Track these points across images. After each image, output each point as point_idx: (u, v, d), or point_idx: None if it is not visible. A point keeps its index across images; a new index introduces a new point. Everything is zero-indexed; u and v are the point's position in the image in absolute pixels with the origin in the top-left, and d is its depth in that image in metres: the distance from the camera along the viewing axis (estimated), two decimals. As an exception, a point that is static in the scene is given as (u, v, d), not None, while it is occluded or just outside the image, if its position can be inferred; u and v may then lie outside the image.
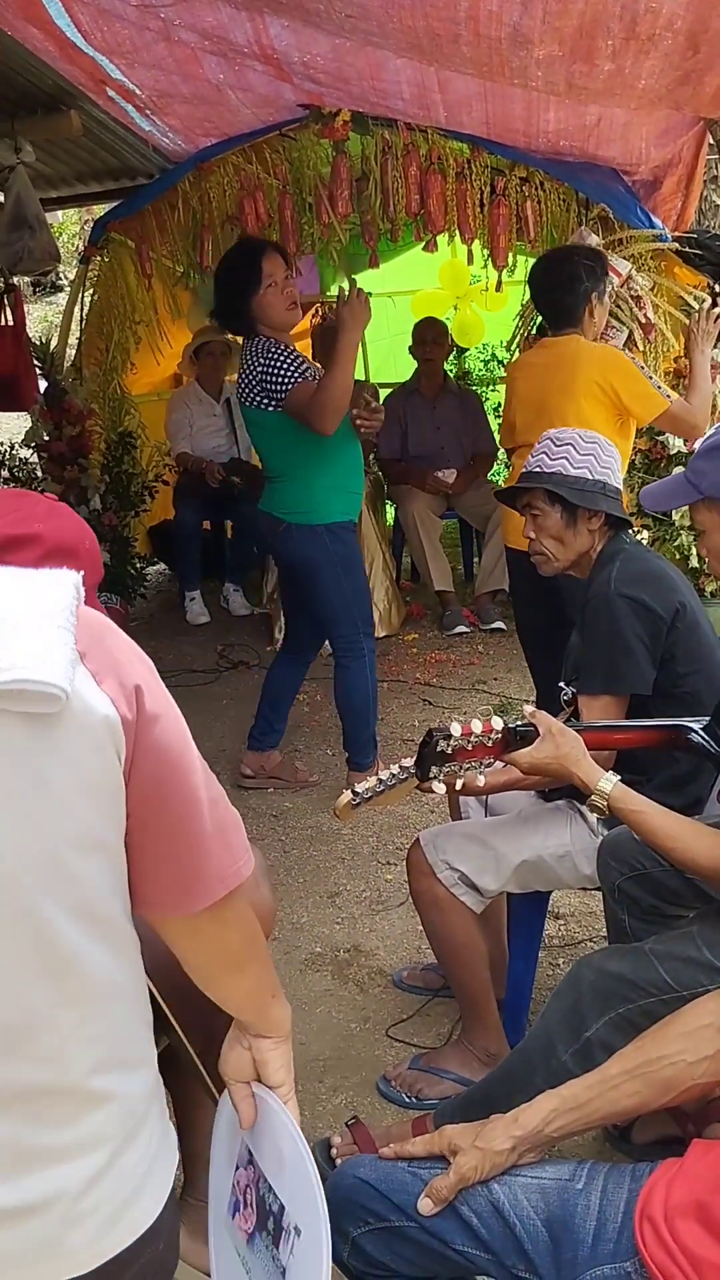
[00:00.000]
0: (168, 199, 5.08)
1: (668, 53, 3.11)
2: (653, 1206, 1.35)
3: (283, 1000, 1.32)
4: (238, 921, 1.17)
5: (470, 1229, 1.42)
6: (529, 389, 3.87)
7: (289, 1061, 1.34)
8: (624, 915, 2.23)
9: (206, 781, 1.11)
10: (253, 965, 1.24)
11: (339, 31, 3.54)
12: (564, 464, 2.51)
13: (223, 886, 1.10)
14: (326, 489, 3.71)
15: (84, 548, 1.59)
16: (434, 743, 1.83)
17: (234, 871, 1.11)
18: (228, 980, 1.25)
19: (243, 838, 1.13)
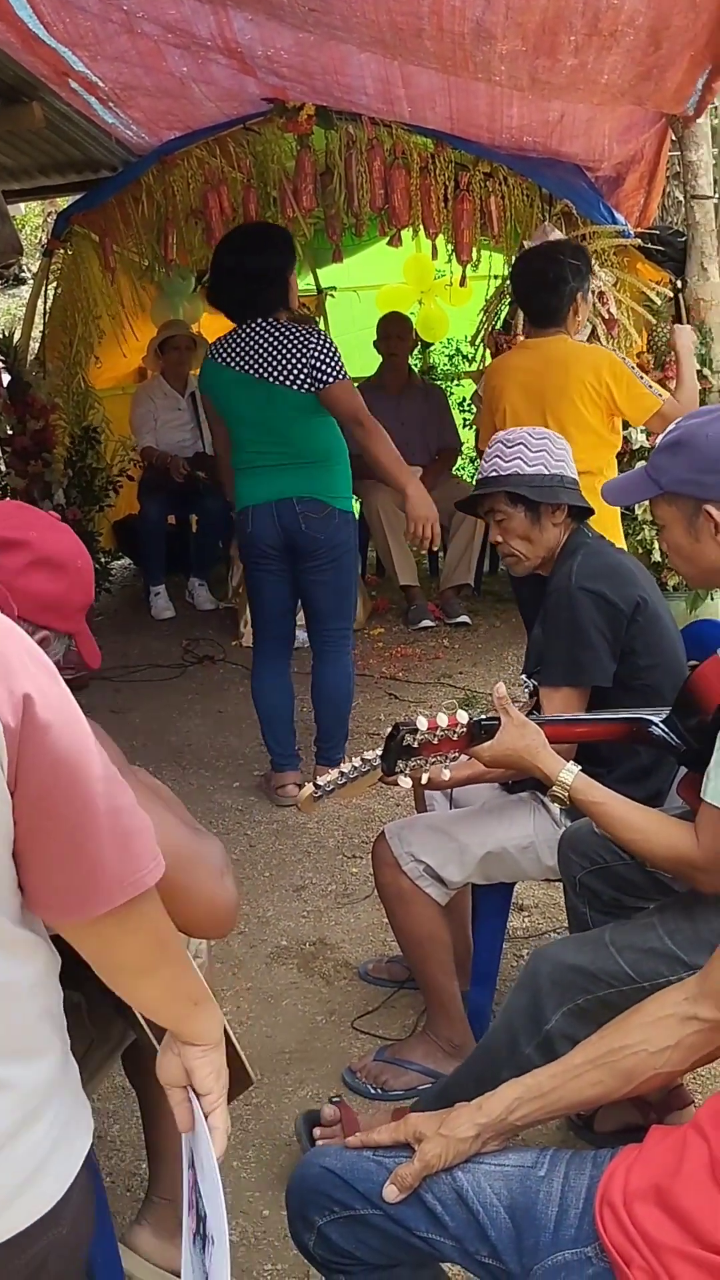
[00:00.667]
0: (131, 192, 5.06)
1: (630, 49, 3.14)
2: (612, 1192, 1.36)
3: (207, 1009, 1.30)
4: (143, 927, 1.16)
5: (434, 1216, 1.43)
6: (520, 392, 3.86)
7: (218, 1069, 1.32)
8: (585, 908, 2.25)
9: (109, 790, 1.09)
10: (162, 971, 1.23)
11: (302, 26, 3.55)
12: (519, 464, 2.53)
13: (122, 894, 1.09)
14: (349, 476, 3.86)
15: (75, 566, 1.61)
16: (400, 737, 1.84)
17: (135, 880, 1.10)
18: (134, 984, 1.24)
19: (149, 845, 1.11)
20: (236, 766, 4.32)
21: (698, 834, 1.80)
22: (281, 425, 3.66)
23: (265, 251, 3.63)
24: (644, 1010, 1.51)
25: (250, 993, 2.87)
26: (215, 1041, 1.31)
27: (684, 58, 3.35)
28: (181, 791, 2.66)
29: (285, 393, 3.59)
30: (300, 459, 3.70)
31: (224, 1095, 1.33)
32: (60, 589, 1.57)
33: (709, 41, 3.28)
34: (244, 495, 3.79)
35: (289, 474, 3.71)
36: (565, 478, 2.52)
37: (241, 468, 3.79)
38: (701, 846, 1.78)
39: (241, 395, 3.67)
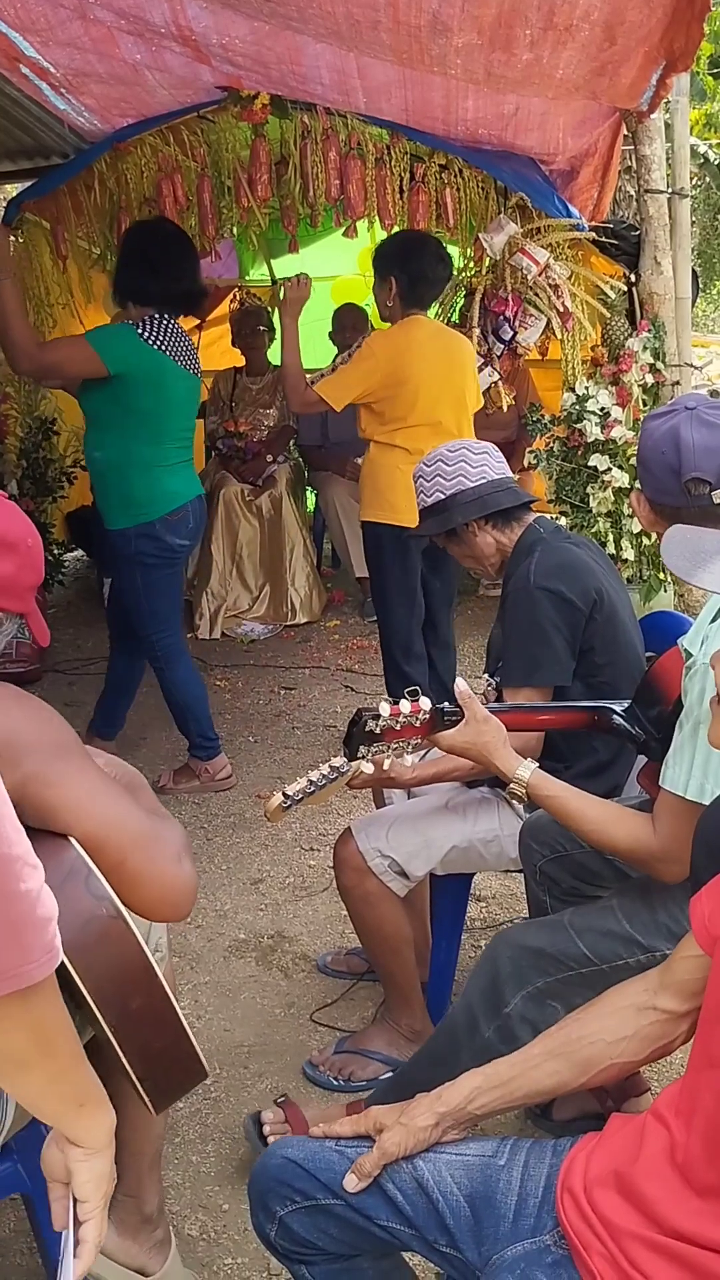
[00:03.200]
0: (84, 179, 4.99)
1: (585, 44, 3.15)
2: (572, 1178, 1.38)
3: (97, 1113, 1.22)
4: (21, 1021, 1.08)
5: (394, 1205, 1.44)
6: (429, 368, 3.94)
7: (100, 1178, 1.22)
8: (545, 896, 2.27)
9: (13, 873, 1.02)
10: (42, 1067, 1.14)
11: (257, 15, 3.52)
12: (422, 497, 2.60)
13: (4, 986, 1.02)
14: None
15: (25, 545, 1.57)
16: (363, 723, 1.84)
17: (19, 973, 1.02)
18: (9, 1074, 1.15)
19: (44, 937, 1.04)
20: (193, 759, 4.30)
21: (655, 822, 1.82)
22: (194, 418, 3.89)
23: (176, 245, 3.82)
24: (603, 1001, 1.53)
25: (208, 986, 2.87)
26: (101, 1147, 1.22)
27: (638, 53, 3.36)
28: (138, 785, 2.65)
29: (199, 385, 3.81)
30: (191, 454, 3.88)
31: (103, 1206, 1.24)
32: (10, 569, 1.53)
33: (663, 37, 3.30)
34: (181, 490, 3.77)
35: (192, 468, 3.88)
36: (460, 494, 2.51)
37: (171, 463, 3.75)
38: (659, 835, 1.80)
39: (182, 389, 3.73)
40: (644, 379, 4.67)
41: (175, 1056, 1.49)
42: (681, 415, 2.00)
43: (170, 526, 3.72)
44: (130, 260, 3.79)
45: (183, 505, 3.75)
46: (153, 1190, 1.90)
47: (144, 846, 1.48)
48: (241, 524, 6.02)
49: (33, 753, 1.39)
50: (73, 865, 1.40)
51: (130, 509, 3.71)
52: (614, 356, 4.73)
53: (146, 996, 1.43)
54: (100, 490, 3.88)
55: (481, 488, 2.50)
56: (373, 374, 3.83)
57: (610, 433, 4.57)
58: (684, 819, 1.72)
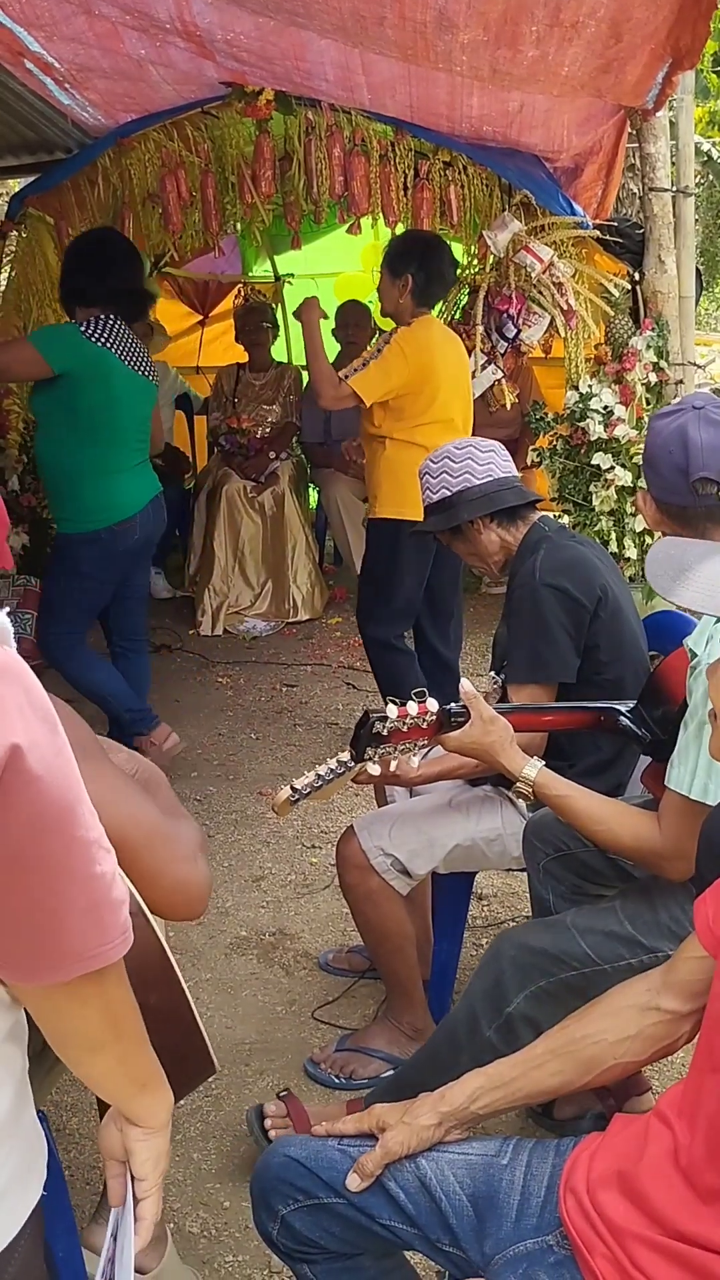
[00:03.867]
0: (87, 175, 4.99)
1: (590, 40, 3.15)
2: (576, 1179, 1.38)
3: (156, 1093, 1.24)
4: (96, 1002, 1.10)
5: (396, 1204, 1.43)
6: (446, 366, 3.96)
7: (158, 1156, 1.26)
8: (548, 894, 2.27)
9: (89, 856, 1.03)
10: (111, 1049, 1.16)
11: (263, 10, 3.52)
12: (427, 494, 2.60)
13: (80, 966, 1.03)
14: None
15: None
16: (370, 724, 1.84)
17: (98, 953, 1.03)
18: (80, 1057, 1.18)
19: (119, 918, 1.05)
20: (194, 756, 4.30)
21: (660, 822, 1.82)
22: (147, 421, 3.84)
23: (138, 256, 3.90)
24: (606, 1000, 1.52)
25: (210, 983, 2.87)
26: (159, 1126, 1.25)
27: (644, 50, 3.36)
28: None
29: (155, 390, 3.82)
30: (147, 455, 3.86)
31: (159, 1185, 1.27)
32: None
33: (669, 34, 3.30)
34: (133, 500, 3.73)
35: (149, 468, 3.85)
36: (467, 491, 2.51)
37: (125, 467, 3.72)
38: (664, 834, 1.80)
39: (131, 388, 3.68)
40: (647, 377, 4.66)
41: (187, 1052, 1.50)
42: (689, 414, 1.99)
43: (115, 536, 3.68)
44: (71, 267, 3.76)
45: (130, 517, 3.69)
46: None
47: (158, 845, 1.47)
48: (244, 521, 6.01)
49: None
50: None
51: (79, 515, 3.67)
52: (617, 355, 4.72)
53: (165, 992, 1.44)
54: (52, 494, 3.85)
55: (487, 485, 2.50)
56: (403, 371, 3.85)
57: (613, 431, 4.56)
58: (689, 819, 1.72)
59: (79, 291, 3.70)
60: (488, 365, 4.81)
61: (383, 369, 3.86)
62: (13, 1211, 1.11)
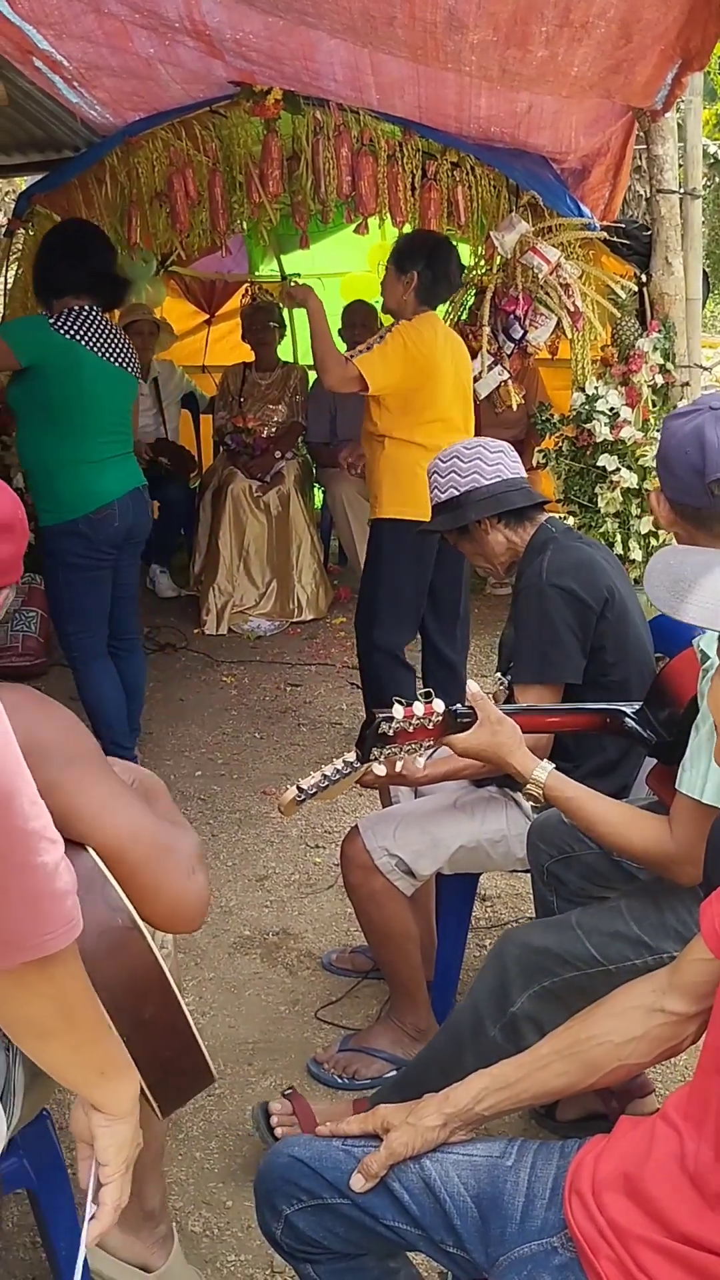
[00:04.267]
0: (95, 173, 4.99)
1: (600, 41, 3.14)
2: (581, 1181, 1.37)
3: (119, 1081, 1.25)
4: (46, 990, 1.10)
5: (401, 1205, 1.43)
6: (448, 365, 3.95)
7: (121, 1143, 1.26)
8: (552, 897, 2.27)
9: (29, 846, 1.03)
10: (64, 1037, 1.17)
11: (272, 10, 3.52)
12: (435, 493, 2.59)
13: (20, 955, 1.04)
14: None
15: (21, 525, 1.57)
16: (376, 724, 1.83)
17: (38, 943, 1.04)
18: (31, 1044, 1.18)
19: (63, 908, 1.05)
20: (199, 755, 4.30)
21: (671, 826, 1.81)
22: (126, 414, 3.83)
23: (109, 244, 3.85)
24: (612, 1001, 1.52)
25: (213, 983, 2.87)
26: (123, 1114, 1.25)
27: (654, 51, 3.35)
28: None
29: (131, 381, 3.79)
30: (130, 447, 3.84)
31: (125, 1171, 1.27)
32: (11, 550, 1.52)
33: (679, 35, 3.29)
34: (109, 488, 3.71)
35: (131, 461, 3.83)
36: (475, 490, 2.51)
37: (97, 459, 3.69)
38: (676, 838, 1.80)
39: (104, 380, 3.66)
40: (654, 379, 4.65)
41: (184, 1065, 1.50)
42: (706, 415, 1.99)
43: (94, 525, 3.66)
44: (44, 259, 3.76)
45: (108, 504, 3.67)
46: (155, 1186, 1.90)
47: (157, 859, 1.47)
48: (249, 520, 6.01)
49: (51, 759, 1.38)
50: (89, 875, 1.39)
51: (56, 506, 3.66)
52: (624, 357, 4.72)
53: (160, 1006, 1.43)
54: (31, 487, 3.84)
55: (495, 486, 2.49)
56: (403, 363, 3.82)
57: (619, 433, 4.56)
58: (701, 822, 1.72)
59: (52, 284, 3.70)
60: (494, 366, 4.80)
61: (384, 355, 3.82)
62: None
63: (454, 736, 1.94)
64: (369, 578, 4.07)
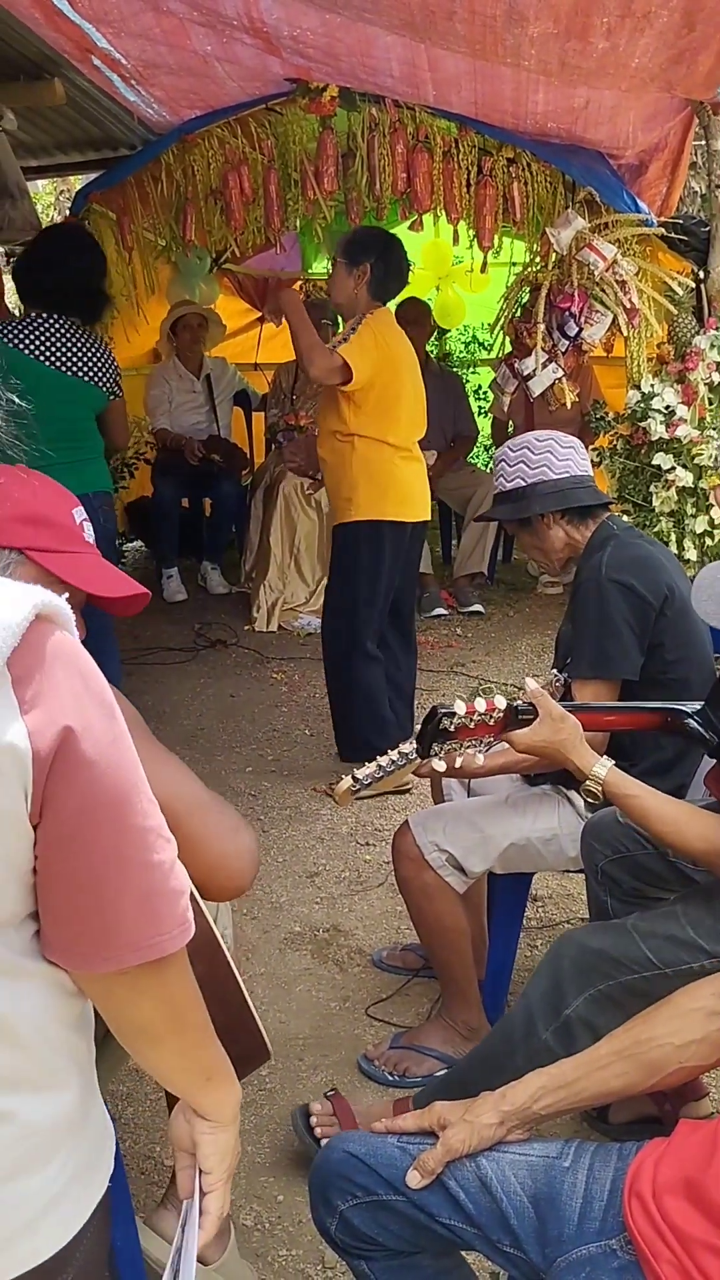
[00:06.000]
0: (150, 171, 5.02)
1: (663, 31, 3.10)
2: (641, 1184, 1.35)
3: (224, 1087, 1.23)
4: (156, 992, 1.09)
5: (457, 1203, 1.42)
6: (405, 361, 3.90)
7: (225, 1151, 1.24)
8: (606, 897, 2.24)
9: (146, 844, 1.02)
10: (173, 1041, 1.15)
11: (331, 6, 3.51)
12: (501, 480, 2.55)
13: (135, 956, 1.02)
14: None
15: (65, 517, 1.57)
16: (437, 719, 1.82)
17: (153, 943, 1.02)
18: (140, 1047, 1.16)
19: (176, 909, 1.04)
20: (249, 751, 4.31)
21: None
22: (77, 420, 3.74)
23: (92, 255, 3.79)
24: (672, 1003, 1.50)
25: (264, 978, 2.87)
26: (226, 1120, 1.24)
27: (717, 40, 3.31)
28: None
29: (89, 390, 3.73)
30: (89, 454, 3.78)
31: (226, 1179, 1.26)
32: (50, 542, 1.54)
33: (743, 25, 3.25)
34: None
35: (84, 469, 3.77)
36: (541, 484, 2.47)
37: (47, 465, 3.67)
38: None
39: (54, 391, 3.63)
40: (710, 377, 4.61)
41: (238, 1033, 1.48)
42: None
43: None
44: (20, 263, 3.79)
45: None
46: None
47: (200, 815, 1.47)
48: (300, 517, 6.01)
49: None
50: None
51: None
52: (680, 354, 4.67)
53: (209, 965, 1.42)
54: None
55: (563, 481, 2.47)
56: (374, 354, 3.75)
57: (675, 431, 4.51)
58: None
59: (20, 289, 3.75)
60: (548, 364, 4.78)
61: (361, 345, 3.74)
62: (78, 1203, 1.10)
63: (515, 733, 1.92)
64: (344, 582, 3.96)
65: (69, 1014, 1.10)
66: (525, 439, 2.54)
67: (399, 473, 3.90)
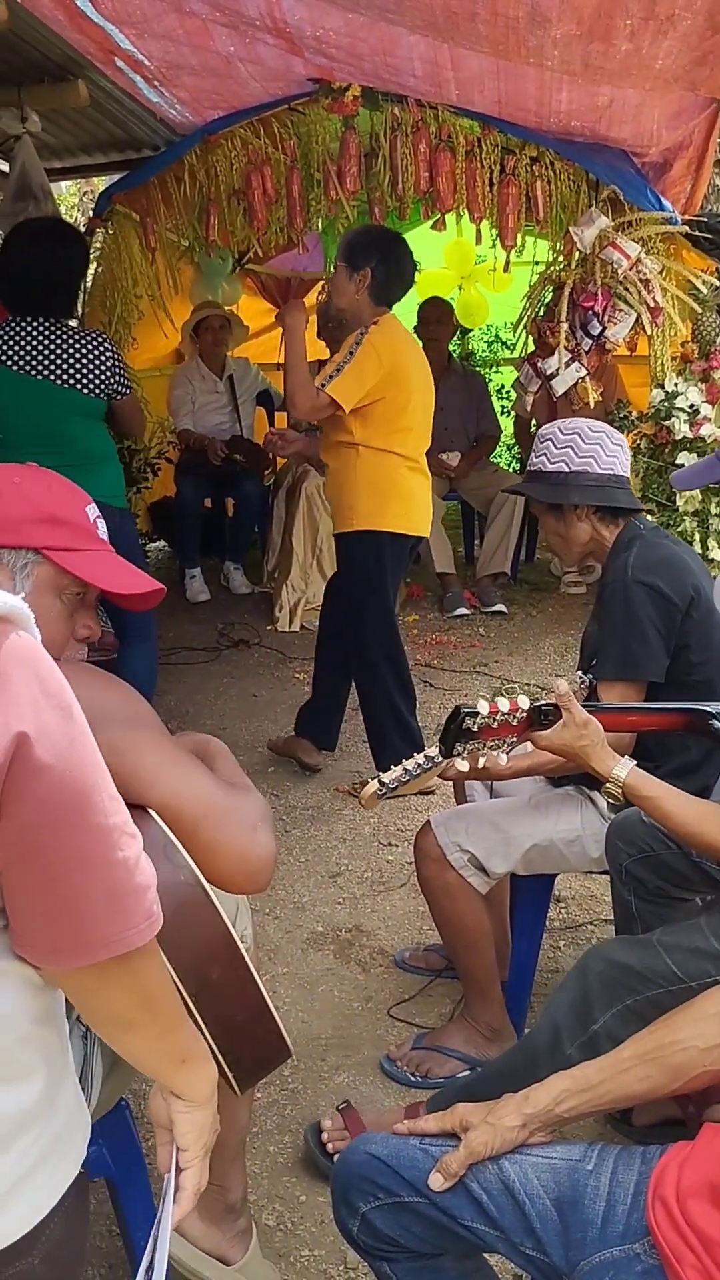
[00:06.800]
0: (174, 172, 5.04)
1: (686, 33, 3.09)
2: (665, 1187, 1.35)
3: (198, 1069, 1.26)
4: (125, 983, 1.11)
5: (479, 1205, 1.42)
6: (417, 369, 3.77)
7: (201, 1129, 1.28)
8: (630, 897, 2.24)
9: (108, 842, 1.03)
10: (145, 1027, 1.18)
11: (353, 7, 3.52)
12: (544, 460, 2.50)
13: (103, 951, 1.05)
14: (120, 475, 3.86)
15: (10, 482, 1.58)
16: (461, 719, 1.82)
17: (120, 939, 1.05)
18: (112, 1034, 1.20)
19: (143, 903, 1.06)
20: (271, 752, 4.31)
21: None
22: (60, 427, 3.58)
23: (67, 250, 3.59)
24: (696, 1006, 1.49)
25: (286, 978, 2.87)
26: (202, 1100, 1.27)
27: (741, 41, 3.30)
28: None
29: (71, 395, 3.54)
30: (78, 461, 3.52)
31: (203, 1156, 1.29)
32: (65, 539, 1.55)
33: (767, 25, 3.23)
34: None
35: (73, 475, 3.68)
36: (587, 474, 2.45)
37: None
38: None
39: (24, 395, 3.56)
40: (735, 375, 4.59)
41: (257, 1032, 1.49)
42: None
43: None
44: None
45: None
46: (236, 1180, 1.91)
47: (216, 817, 1.48)
48: (323, 517, 6.01)
49: (107, 723, 1.41)
50: (150, 834, 1.42)
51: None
52: (704, 353, 4.66)
53: (227, 968, 1.43)
54: None
55: (605, 478, 2.45)
56: (378, 373, 3.60)
57: (699, 430, 4.50)
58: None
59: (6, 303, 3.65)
60: (571, 363, 4.77)
61: (357, 372, 3.58)
62: (45, 1187, 1.13)
63: (538, 733, 1.92)
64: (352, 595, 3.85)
65: (38, 1008, 1.13)
66: (578, 425, 2.50)
67: (404, 484, 3.76)
